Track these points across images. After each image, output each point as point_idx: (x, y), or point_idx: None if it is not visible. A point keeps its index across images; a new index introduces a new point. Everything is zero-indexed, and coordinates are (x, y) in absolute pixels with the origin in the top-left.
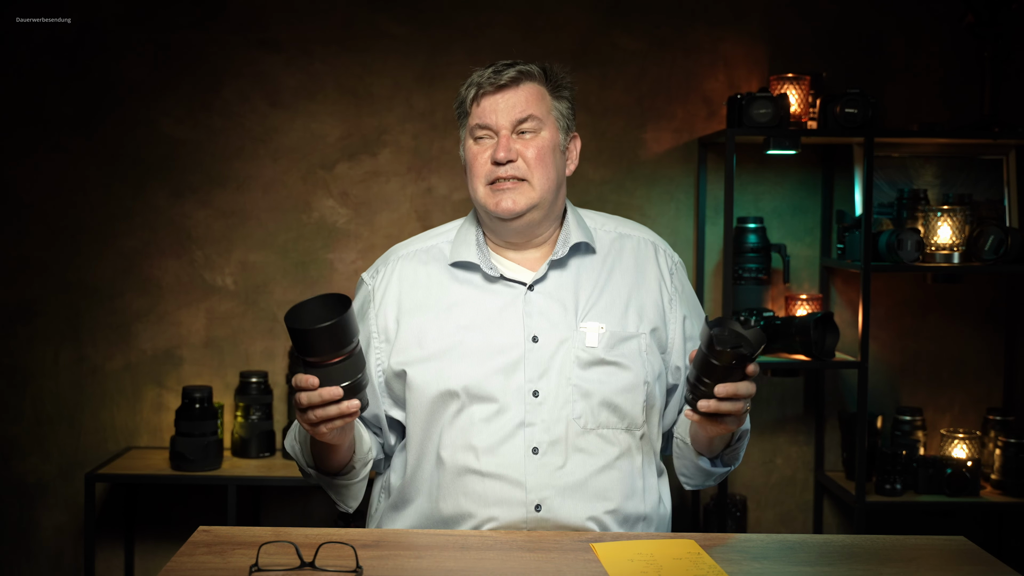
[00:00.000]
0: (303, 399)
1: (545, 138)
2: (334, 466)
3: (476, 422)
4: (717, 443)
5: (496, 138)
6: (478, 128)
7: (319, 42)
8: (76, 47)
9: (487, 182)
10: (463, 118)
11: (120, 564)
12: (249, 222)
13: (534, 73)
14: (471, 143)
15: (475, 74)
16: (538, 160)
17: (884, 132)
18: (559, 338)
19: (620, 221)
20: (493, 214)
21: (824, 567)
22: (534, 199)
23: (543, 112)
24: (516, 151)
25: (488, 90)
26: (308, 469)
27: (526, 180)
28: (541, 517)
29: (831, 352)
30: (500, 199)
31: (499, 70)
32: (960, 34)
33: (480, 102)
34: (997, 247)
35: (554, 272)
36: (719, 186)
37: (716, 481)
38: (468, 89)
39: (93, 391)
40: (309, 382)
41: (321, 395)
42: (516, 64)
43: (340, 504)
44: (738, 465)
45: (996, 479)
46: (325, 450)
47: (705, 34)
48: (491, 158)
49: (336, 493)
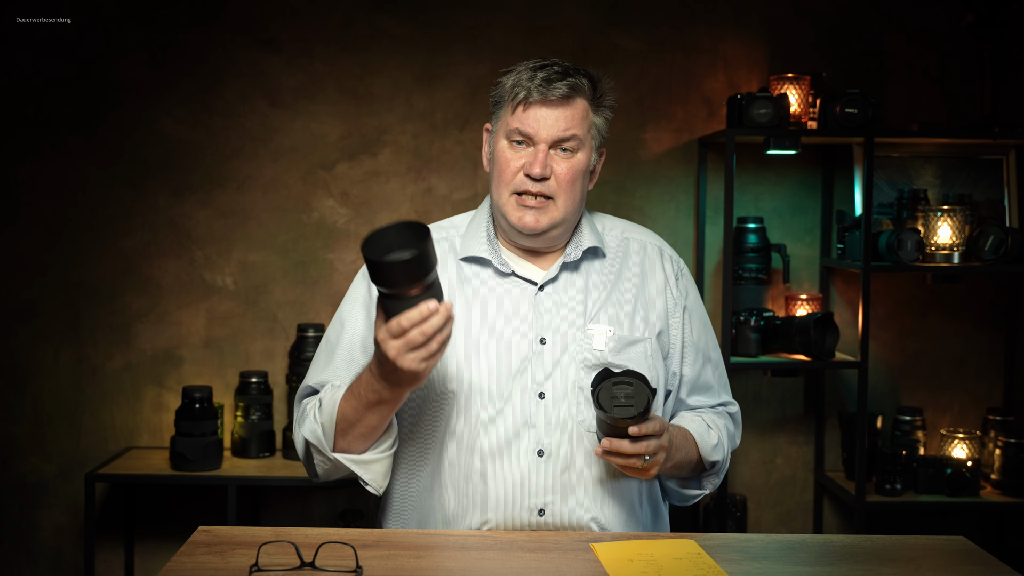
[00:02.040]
0: (428, 329)
1: (580, 160)
2: (371, 436)
3: (481, 421)
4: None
5: (532, 147)
6: (517, 133)
7: (319, 42)
8: (76, 47)
9: (514, 191)
10: (500, 111)
11: (120, 564)
12: (249, 222)
13: (584, 88)
14: (504, 144)
15: (525, 72)
16: (568, 182)
17: (884, 132)
18: (566, 340)
19: (627, 225)
20: (513, 226)
21: (824, 567)
22: (556, 219)
23: (583, 132)
24: (551, 168)
25: (536, 99)
26: (332, 455)
27: (552, 199)
28: (544, 521)
29: (831, 352)
30: (523, 215)
31: (551, 79)
32: (960, 34)
33: (527, 108)
34: (997, 247)
35: (564, 273)
36: (719, 186)
37: (690, 502)
38: (516, 89)
39: (93, 391)
40: (432, 309)
41: (442, 315)
42: (568, 74)
43: (371, 485)
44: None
45: (996, 479)
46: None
47: (705, 34)
48: (524, 169)
49: (368, 471)
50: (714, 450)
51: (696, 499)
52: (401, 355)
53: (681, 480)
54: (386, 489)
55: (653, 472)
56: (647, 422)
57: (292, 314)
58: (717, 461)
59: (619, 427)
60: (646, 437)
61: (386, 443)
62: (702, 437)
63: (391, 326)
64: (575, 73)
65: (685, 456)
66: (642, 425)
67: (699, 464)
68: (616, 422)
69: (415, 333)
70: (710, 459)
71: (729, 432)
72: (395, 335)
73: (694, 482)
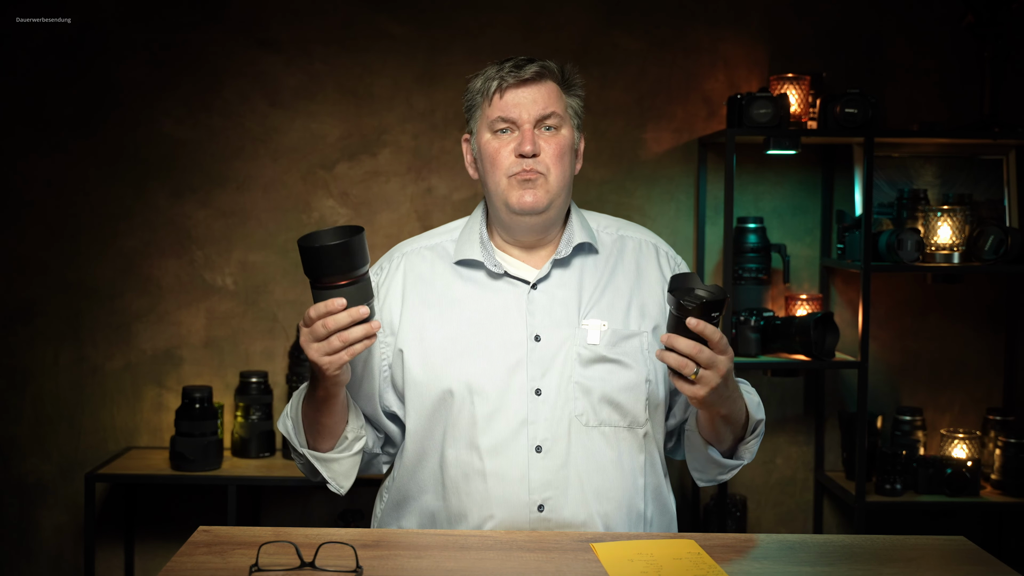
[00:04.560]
0: (330, 323)
1: (564, 136)
2: (330, 435)
3: (478, 420)
4: (723, 432)
5: (517, 131)
6: (500, 121)
7: (319, 42)
8: (76, 47)
9: (510, 174)
10: (476, 111)
11: (120, 564)
12: (249, 222)
13: (552, 70)
14: (489, 136)
15: (491, 68)
16: (557, 156)
17: (884, 132)
18: (561, 336)
19: (622, 223)
20: (514, 208)
21: (824, 567)
22: (552, 192)
23: (562, 109)
24: (539, 145)
25: (511, 83)
26: (301, 449)
27: (544, 175)
28: (544, 517)
29: (831, 352)
30: (524, 194)
31: (520, 64)
32: (960, 34)
33: (504, 95)
34: (997, 247)
35: (557, 271)
36: (719, 186)
37: (728, 475)
38: (488, 82)
39: (93, 391)
40: (336, 303)
41: (350, 314)
42: (534, 60)
43: (332, 483)
44: (749, 461)
45: (996, 479)
46: (324, 412)
47: (705, 34)
48: (515, 151)
49: (328, 470)
50: (758, 408)
51: (732, 473)
52: (306, 343)
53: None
54: (386, 489)
55: (702, 393)
56: (711, 326)
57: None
58: (761, 420)
59: (683, 322)
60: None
61: (353, 445)
62: (746, 396)
63: (305, 314)
64: (541, 60)
65: (736, 408)
66: (703, 323)
67: (743, 425)
68: (683, 307)
69: (318, 325)
70: (756, 416)
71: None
72: (305, 323)
73: (739, 450)
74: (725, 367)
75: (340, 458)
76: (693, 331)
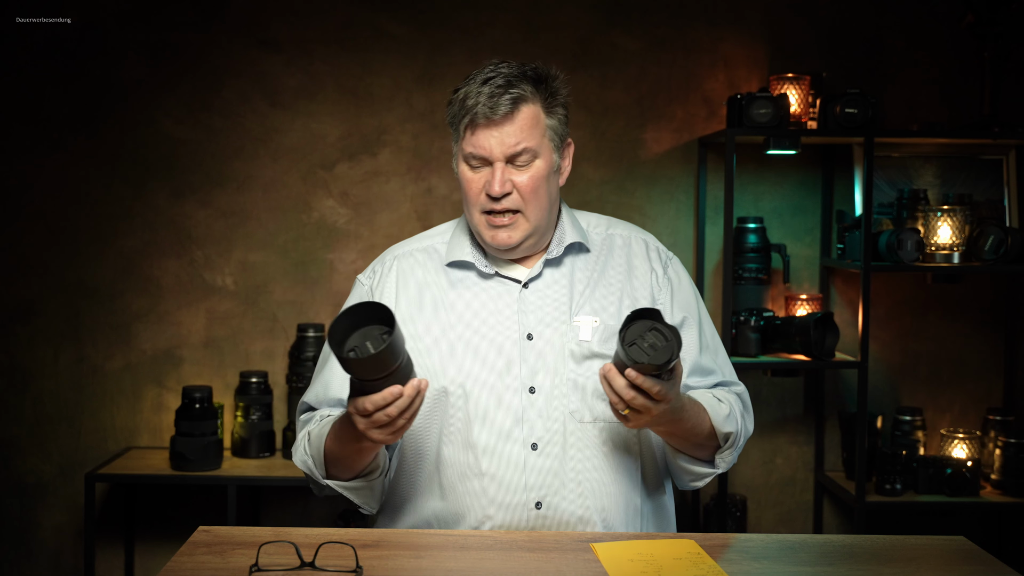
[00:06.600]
0: (392, 411)
1: (539, 167)
2: (360, 468)
3: (473, 419)
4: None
5: (490, 167)
6: (472, 157)
7: (319, 42)
8: (76, 47)
9: (483, 210)
10: (455, 132)
11: (120, 564)
12: (249, 222)
13: (527, 95)
14: (464, 167)
15: (468, 90)
16: (532, 191)
17: (884, 132)
18: (553, 334)
19: (612, 221)
20: (489, 244)
21: (824, 567)
22: (528, 230)
23: (537, 139)
24: (511, 183)
25: (482, 122)
26: (324, 482)
27: (520, 212)
28: (541, 515)
29: (831, 352)
30: (495, 233)
31: (494, 96)
32: (960, 34)
33: (475, 132)
34: (997, 247)
35: (548, 269)
36: (719, 186)
37: (701, 482)
38: (461, 112)
39: (93, 391)
40: (392, 393)
41: (409, 396)
42: (511, 84)
43: (364, 507)
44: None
45: (996, 479)
46: (358, 455)
47: (705, 34)
48: (485, 189)
49: (359, 496)
50: (727, 420)
51: (706, 480)
52: (368, 430)
53: (691, 456)
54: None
55: (630, 427)
56: (650, 377)
57: (292, 314)
58: (731, 433)
59: (624, 365)
60: (642, 393)
61: (375, 472)
62: (713, 407)
63: (357, 404)
64: (519, 81)
65: (695, 422)
66: (642, 377)
67: (711, 437)
68: (622, 360)
69: (380, 415)
70: (724, 430)
71: (739, 410)
72: (361, 414)
73: (706, 460)
74: (659, 411)
75: (368, 485)
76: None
